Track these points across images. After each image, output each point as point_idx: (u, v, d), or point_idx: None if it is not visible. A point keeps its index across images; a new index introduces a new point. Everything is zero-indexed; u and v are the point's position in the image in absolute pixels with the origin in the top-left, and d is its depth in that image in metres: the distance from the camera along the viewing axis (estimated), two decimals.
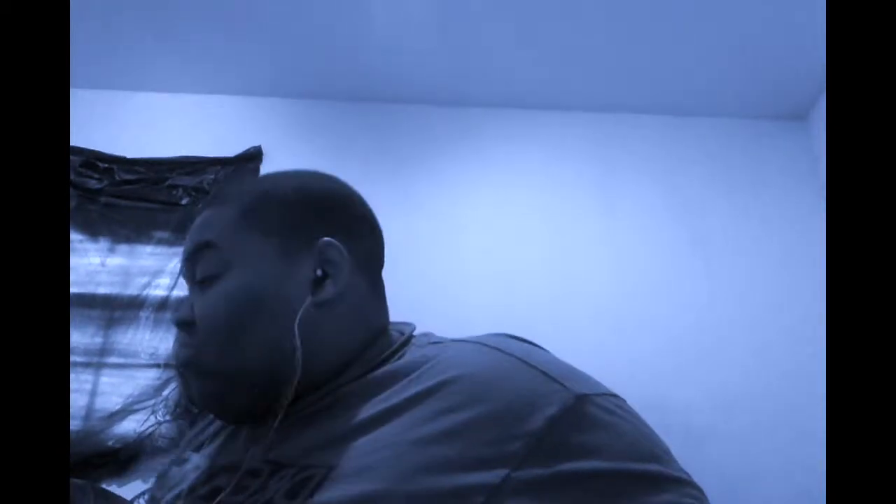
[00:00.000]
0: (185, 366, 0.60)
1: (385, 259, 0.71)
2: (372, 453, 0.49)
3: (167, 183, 2.48)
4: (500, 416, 0.48)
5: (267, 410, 0.57)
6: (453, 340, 0.61)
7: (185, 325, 0.60)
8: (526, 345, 0.58)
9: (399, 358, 0.60)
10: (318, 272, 0.60)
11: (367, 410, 0.53)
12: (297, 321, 0.56)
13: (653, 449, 0.50)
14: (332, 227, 0.63)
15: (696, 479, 0.47)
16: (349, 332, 0.61)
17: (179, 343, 0.61)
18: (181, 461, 0.63)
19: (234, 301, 0.58)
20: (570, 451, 0.46)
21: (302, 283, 0.59)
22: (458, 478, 0.45)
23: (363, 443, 0.50)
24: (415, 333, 0.67)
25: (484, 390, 0.50)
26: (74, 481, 0.57)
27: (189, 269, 0.62)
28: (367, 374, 0.58)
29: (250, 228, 0.61)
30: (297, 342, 0.56)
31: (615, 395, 0.53)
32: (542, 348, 0.59)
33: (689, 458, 2.28)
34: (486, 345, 0.56)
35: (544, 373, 0.51)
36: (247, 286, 0.58)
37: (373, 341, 0.63)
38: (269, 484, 0.51)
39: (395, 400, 0.53)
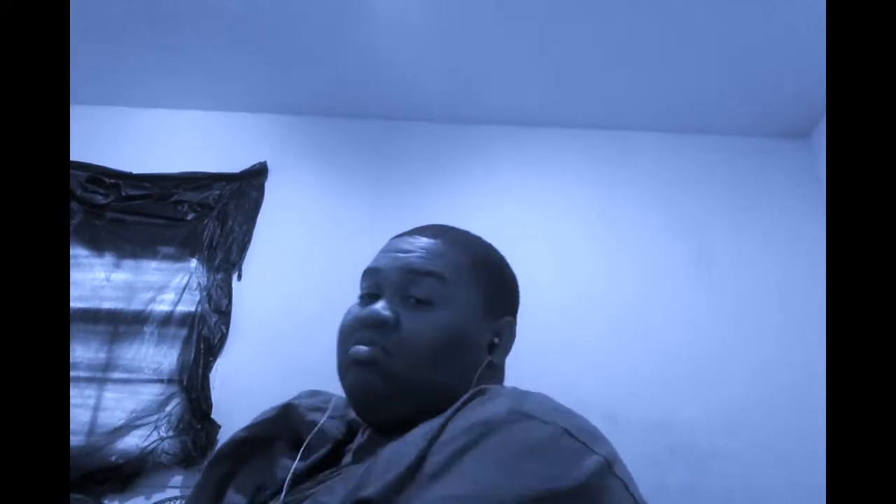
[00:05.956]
0: (373, 363, 0.66)
1: None
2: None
3: (173, 198, 2.50)
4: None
5: (413, 425, 0.63)
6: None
7: (384, 326, 0.67)
8: (552, 404, 0.58)
9: None
10: (496, 339, 0.73)
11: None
12: (478, 372, 0.69)
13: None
14: (513, 308, 0.79)
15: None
16: None
17: (366, 340, 0.67)
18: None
19: (446, 332, 0.68)
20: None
21: (487, 341, 0.72)
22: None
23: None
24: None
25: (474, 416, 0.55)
26: (76, 497, 0.58)
27: (404, 282, 0.70)
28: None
29: (474, 280, 0.73)
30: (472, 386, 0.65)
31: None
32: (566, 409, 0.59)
33: (694, 476, 2.24)
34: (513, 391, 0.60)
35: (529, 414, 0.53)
36: (458, 325, 0.69)
37: None
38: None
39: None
